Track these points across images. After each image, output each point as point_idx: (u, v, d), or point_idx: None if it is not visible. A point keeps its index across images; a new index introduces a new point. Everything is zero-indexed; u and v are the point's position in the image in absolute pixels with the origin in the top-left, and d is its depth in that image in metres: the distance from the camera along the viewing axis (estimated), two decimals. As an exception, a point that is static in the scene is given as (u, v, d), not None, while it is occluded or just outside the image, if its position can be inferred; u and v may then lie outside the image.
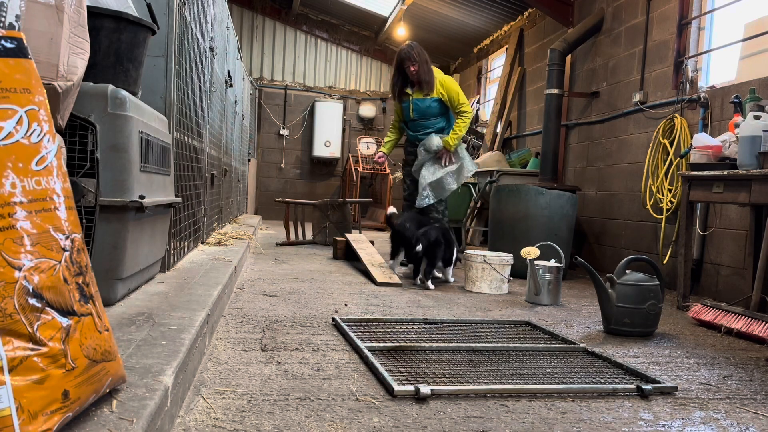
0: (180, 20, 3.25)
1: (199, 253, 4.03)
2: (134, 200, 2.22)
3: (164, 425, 1.46)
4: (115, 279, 2.24)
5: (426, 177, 4.84)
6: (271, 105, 10.91)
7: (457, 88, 4.93)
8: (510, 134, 8.24)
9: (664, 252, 4.77)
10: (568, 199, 5.00)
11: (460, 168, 4.89)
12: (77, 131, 2.10)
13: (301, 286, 3.96)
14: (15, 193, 1.13)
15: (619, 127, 5.64)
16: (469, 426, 1.73)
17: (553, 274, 3.81)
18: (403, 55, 4.80)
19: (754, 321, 3.10)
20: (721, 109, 4.40)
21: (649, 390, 2.08)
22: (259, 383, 1.98)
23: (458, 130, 4.83)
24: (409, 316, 3.14)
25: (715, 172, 3.55)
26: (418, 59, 4.76)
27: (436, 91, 4.85)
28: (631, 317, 3.02)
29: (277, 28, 10.92)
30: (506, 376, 2.19)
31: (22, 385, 1.04)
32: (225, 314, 2.98)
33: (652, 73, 5.21)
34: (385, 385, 2.00)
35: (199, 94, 4.09)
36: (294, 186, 11.07)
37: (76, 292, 1.22)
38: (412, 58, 4.75)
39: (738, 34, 4.46)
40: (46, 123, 1.24)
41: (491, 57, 9.51)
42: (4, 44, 1.20)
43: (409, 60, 4.76)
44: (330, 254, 5.87)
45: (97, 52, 2.23)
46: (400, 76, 4.91)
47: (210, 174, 4.82)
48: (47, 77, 1.69)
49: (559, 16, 6.70)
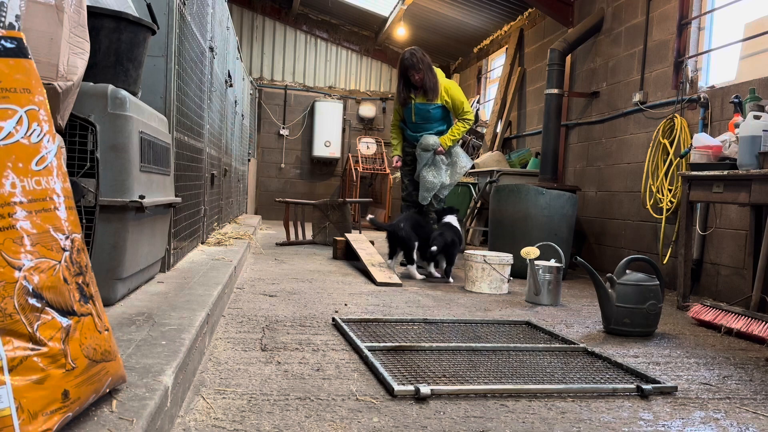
0: (180, 20, 3.25)
1: (199, 253, 4.03)
2: (134, 200, 2.22)
3: (164, 425, 1.46)
4: (115, 279, 2.24)
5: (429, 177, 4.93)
6: (271, 105, 10.91)
7: (462, 95, 5.00)
8: (510, 134, 8.24)
9: (664, 252, 4.77)
10: (568, 199, 5.00)
11: (454, 164, 5.00)
12: (77, 131, 2.10)
13: (301, 286, 3.96)
14: (15, 193, 1.13)
15: (619, 127, 5.64)
16: (469, 426, 1.73)
17: (553, 274, 3.81)
18: (407, 64, 4.80)
19: (754, 321, 3.10)
20: (721, 109, 4.40)
21: (649, 390, 2.08)
22: (259, 383, 1.98)
23: (456, 133, 4.92)
24: (409, 316, 3.14)
25: (715, 172, 3.56)
26: (422, 67, 4.77)
27: (441, 98, 4.89)
28: (631, 317, 3.02)
29: (277, 28, 10.92)
30: (506, 376, 2.19)
31: (22, 385, 1.04)
32: (225, 314, 2.98)
33: (652, 73, 5.21)
34: (385, 385, 2.00)
35: (199, 94, 4.09)
36: (294, 186, 11.07)
37: (76, 292, 1.22)
38: (416, 66, 4.77)
39: (738, 34, 4.46)
40: (46, 123, 1.24)
41: (491, 57, 9.52)
42: (4, 44, 1.20)
43: (413, 69, 4.78)
44: (330, 254, 5.87)
45: (97, 52, 2.24)
46: (405, 83, 4.92)
47: (210, 174, 4.82)
48: (47, 77, 1.69)
49: (559, 16, 6.70)
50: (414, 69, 4.77)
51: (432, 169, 4.94)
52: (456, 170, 4.99)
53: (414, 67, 4.76)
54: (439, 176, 4.93)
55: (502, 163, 7.18)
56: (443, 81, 4.92)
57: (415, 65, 4.75)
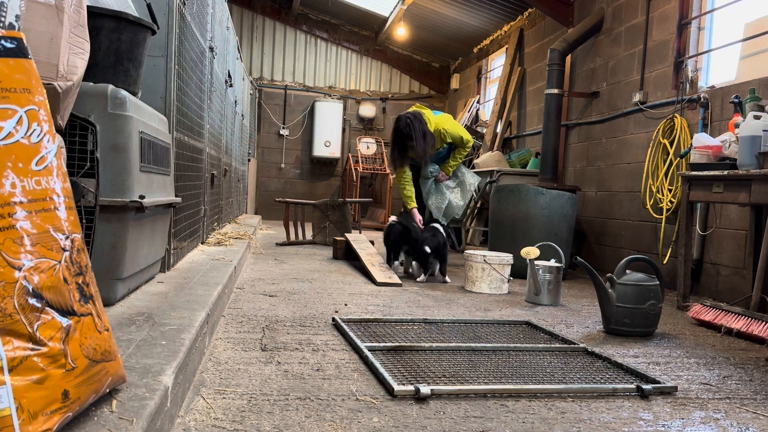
0: (180, 20, 3.25)
1: (199, 253, 4.03)
2: (134, 200, 2.22)
3: (164, 425, 1.46)
4: (115, 279, 2.24)
5: (434, 204, 5.23)
6: (271, 105, 10.91)
7: (458, 128, 5.19)
8: (510, 134, 8.24)
9: (664, 252, 4.77)
10: (568, 199, 5.00)
11: (461, 183, 5.31)
12: (77, 131, 2.10)
13: (301, 286, 3.96)
14: (15, 193, 1.13)
15: (619, 127, 5.64)
16: (469, 426, 1.73)
17: (553, 274, 3.81)
18: (404, 133, 4.91)
19: (754, 321, 3.10)
20: (721, 109, 4.40)
21: (649, 390, 2.08)
22: (259, 383, 1.98)
23: (459, 158, 5.24)
24: (409, 316, 3.14)
25: (715, 172, 3.55)
26: (416, 135, 4.88)
27: (441, 143, 5.11)
28: (631, 317, 3.02)
29: (277, 28, 10.92)
30: (506, 376, 2.19)
31: (22, 385, 1.04)
32: (225, 314, 2.98)
33: (652, 73, 5.21)
34: (385, 385, 2.00)
35: (199, 94, 4.09)
36: (294, 186, 11.07)
37: (76, 292, 1.22)
38: (410, 136, 4.89)
39: (738, 34, 4.46)
40: (46, 123, 1.24)
41: (491, 57, 9.51)
42: (4, 44, 1.20)
43: (408, 138, 4.92)
44: (330, 254, 5.87)
45: (97, 52, 2.23)
46: (401, 149, 5.04)
47: (210, 174, 4.82)
48: (47, 77, 1.69)
49: (559, 16, 6.70)
50: (409, 139, 4.92)
51: (435, 194, 5.23)
52: (465, 188, 5.29)
53: (409, 137, 4.91)
54: (444, 200, 5.20)
55: (502, 163, 7.18)
56: (439, 124, 5.05)
57: (410, 135, 4.90)
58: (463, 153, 5.21)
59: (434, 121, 5.03)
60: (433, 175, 5.21)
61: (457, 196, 5.24)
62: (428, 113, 5.07)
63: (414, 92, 11.48)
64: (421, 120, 4.91)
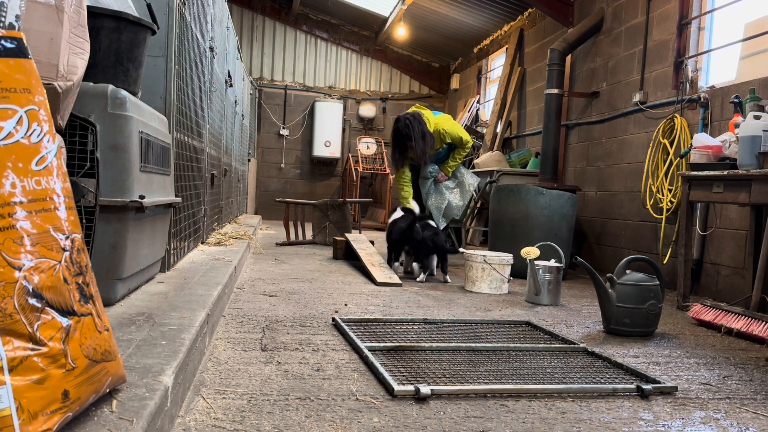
0: (180, 20, 3.25)
1: (199, 253, 4.03)
2: (134, 200, 2.22)
3: (164, 425, 1.46)
4: (115, 279, 2.24)
5: (434, 205, 5.23)
6: (271, 105, 10.91)
7: (457, 128, 5.19)
8: (510, 134, 8.24)
9: (664, 252, 4.77)
10: (568, 199, 5.00)
11: (461, 183, 5.30)
12: (77, 131, 2.10)
13: (301, 286, 3.96)
14: (15, 193, 1.13)
15: (619, 127, 5.64)
16: (469, 426, 1.73)
17: (553, 274, 3.81)
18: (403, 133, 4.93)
19: (754, 321, 3.10)
20: (721, 109, 4.40)
21: (649, 390, 2.08)
22: (259, 383, 1.98)
23: (458, 158, 5.24)
24: (409, 316, 3.14)
25: (715, 172, 3.55)
26: (416, 135, 4.89)
27: (440, 143, 5.12)
28: (631, 317, 3.02)
29: (277, 28, 10.92)
30: (506, 376, 2.19)
31: (22, 385, 1.04)
32: (225, 314, 2.98)
33: (652, 73, 5.21)
34: (385, 385, 2.00)
35: (199, 94, 4.08)
36: (294, 186, 11.07)
37: (76, 292, 1.21)
38: (409, 136, 4.91)
39: (738, 34, 4.45)
40: (46, 123, 1.24)
41: (491, 57, 9.51)
42: (4, 44, 1.20)
43: (408, 139, 4.93)
44: (330, 254, 5.87)
45: (97, 52, 2.23)
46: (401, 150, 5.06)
47: (210, 174, 4.82)
48: (47, 77, 1.69)
49: (559, 16, 6.70)
50: (408, 139, 4.93)
51: (434, 195, 5.23)
52: (465, 189, 5.28)
53: (408, 137, 4.92)
54: (443, 200, 5.20)
55: (502, 163, 7.18)
56: (439, 124, 5.06)
57: (410, 135, 4.90)
58: (463, 153, 5.22)
59: (433, 121, 5.04)
60: (432, 176, 5.22)
61: (457, 197, 5.24)
62: (428, 113, 5.08)
63: (414, 92, 11.48)
64: (421, 120, 4.92)
